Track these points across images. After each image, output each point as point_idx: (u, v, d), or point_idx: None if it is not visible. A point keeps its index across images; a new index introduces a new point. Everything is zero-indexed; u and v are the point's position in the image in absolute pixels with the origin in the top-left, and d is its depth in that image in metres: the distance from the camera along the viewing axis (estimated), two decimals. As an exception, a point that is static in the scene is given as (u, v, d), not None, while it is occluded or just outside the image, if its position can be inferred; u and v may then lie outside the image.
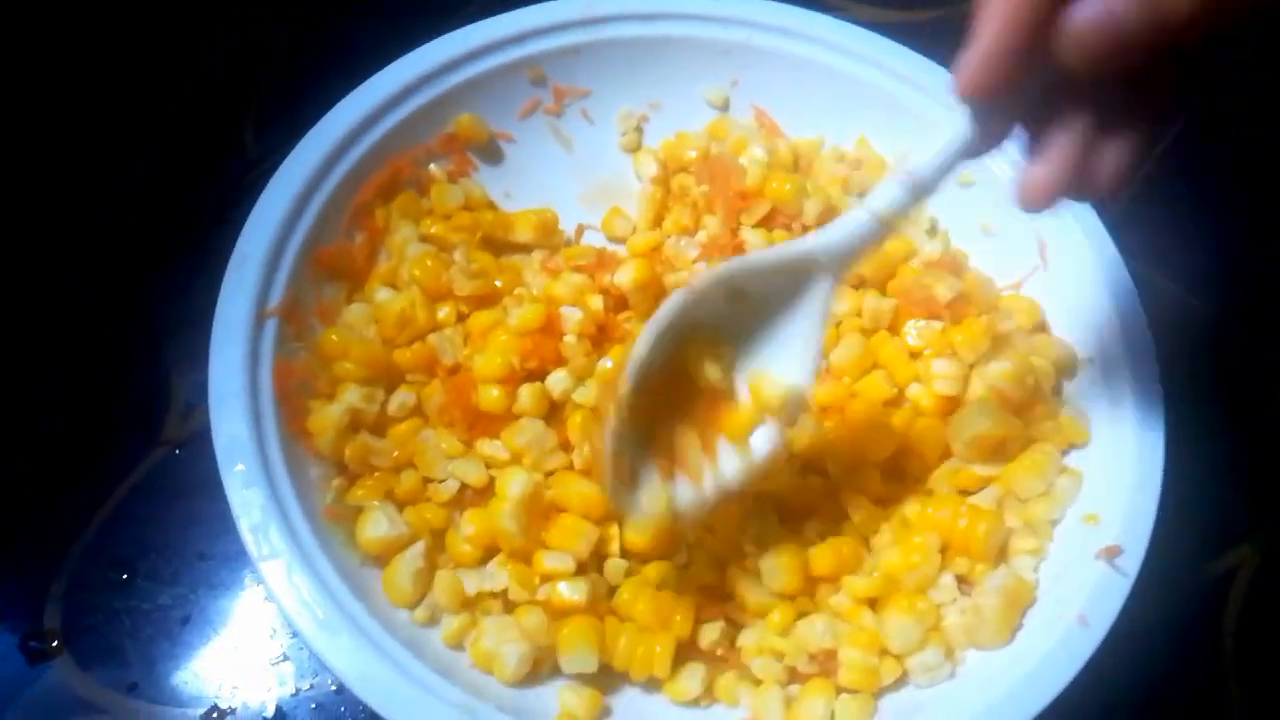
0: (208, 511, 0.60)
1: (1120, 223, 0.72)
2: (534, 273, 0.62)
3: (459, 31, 0.64)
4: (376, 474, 0.55)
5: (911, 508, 0.57)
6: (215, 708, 0.56)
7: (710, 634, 0.53)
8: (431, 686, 0.48)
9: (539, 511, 0.54)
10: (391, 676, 0.47)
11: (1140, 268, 0.66)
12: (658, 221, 0.67)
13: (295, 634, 0.51)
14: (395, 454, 0.56)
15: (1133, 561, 0.51)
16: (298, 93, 0.74)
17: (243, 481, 0.50)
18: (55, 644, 0.57)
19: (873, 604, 0.54)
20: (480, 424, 0.57)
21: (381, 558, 0.53)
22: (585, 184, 0.68)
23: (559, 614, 0.52)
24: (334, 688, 0.56)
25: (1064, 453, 0.57)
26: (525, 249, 0.64)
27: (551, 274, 0.61)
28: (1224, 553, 0.64)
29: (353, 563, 0.53)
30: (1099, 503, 0.54)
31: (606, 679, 0.53)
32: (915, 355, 0.60)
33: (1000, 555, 0.55)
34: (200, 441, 0.62)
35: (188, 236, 0.69)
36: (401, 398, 0.57)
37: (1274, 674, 0.61)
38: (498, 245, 0.64)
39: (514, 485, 0.53)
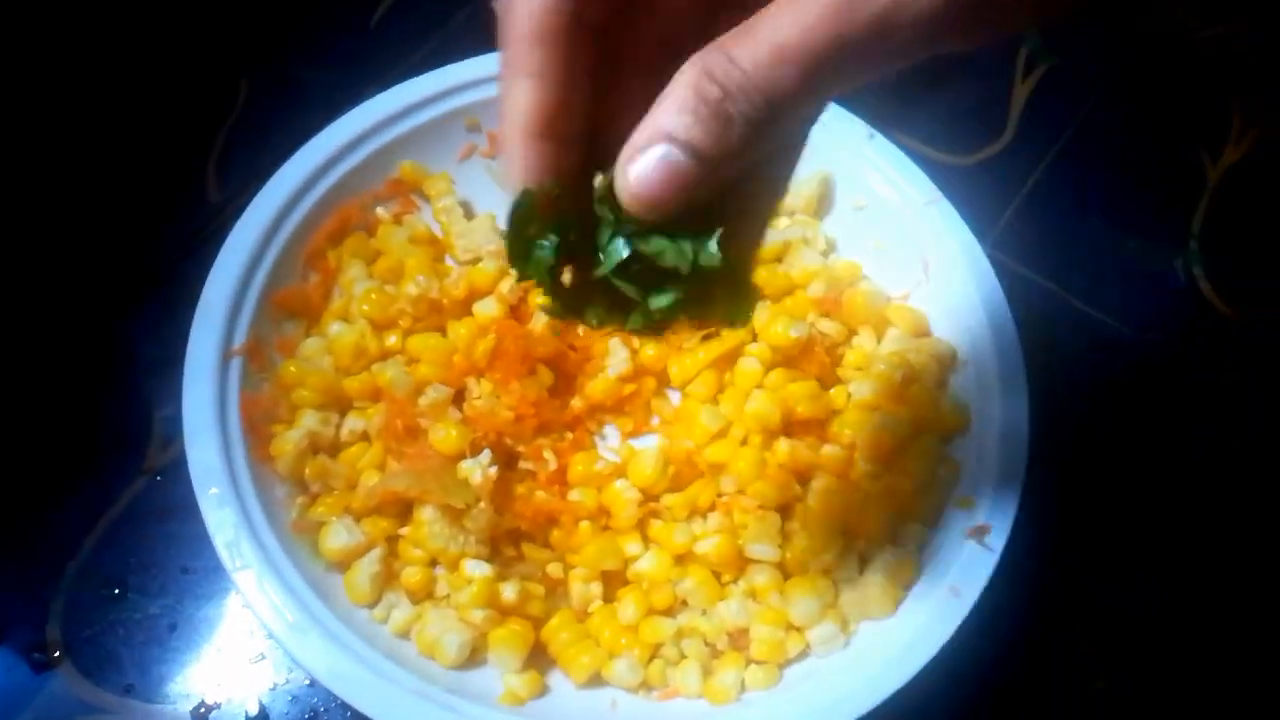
0: (188, 531, 0.66)
1: (1004, 229, 0.80)
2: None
3: (398, 87, 0.71)
4: (335, 491, 0.62)
5: (814, 496, 0.64)
6: (203, 704, 0.62)
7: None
8: (390, 675, 0.55)
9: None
10: (355, 669, 0.54)
11: (1021, 269, 0.74)
12: None
13: (270, 635, 0.58)
14: (348, 474, 0.62)
15: (999, 538, 0.59)
16: (256, 140, 0.81)
17: (216, 503, 0.57)
18: (57, 654, 0.63)
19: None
20: (410, 441, 0.62)
21: (343, 564, 0.60)
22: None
23: (502, 610, 0.60)
24: (308, 682, 0.63)
25: (947, 440, 0.65)
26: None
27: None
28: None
29: (318, 570, 0.60)
30: (972, 488, 0.61)
31: (544, 660, 0.60)
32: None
33: (892, 537, 0.63)
34: (178, 469, 0.67)
35: (157, 279, 0.75)
36: (351, 423, 0.64)
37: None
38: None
39: (426, 510, 0.60)
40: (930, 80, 0.88)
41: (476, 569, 0.59)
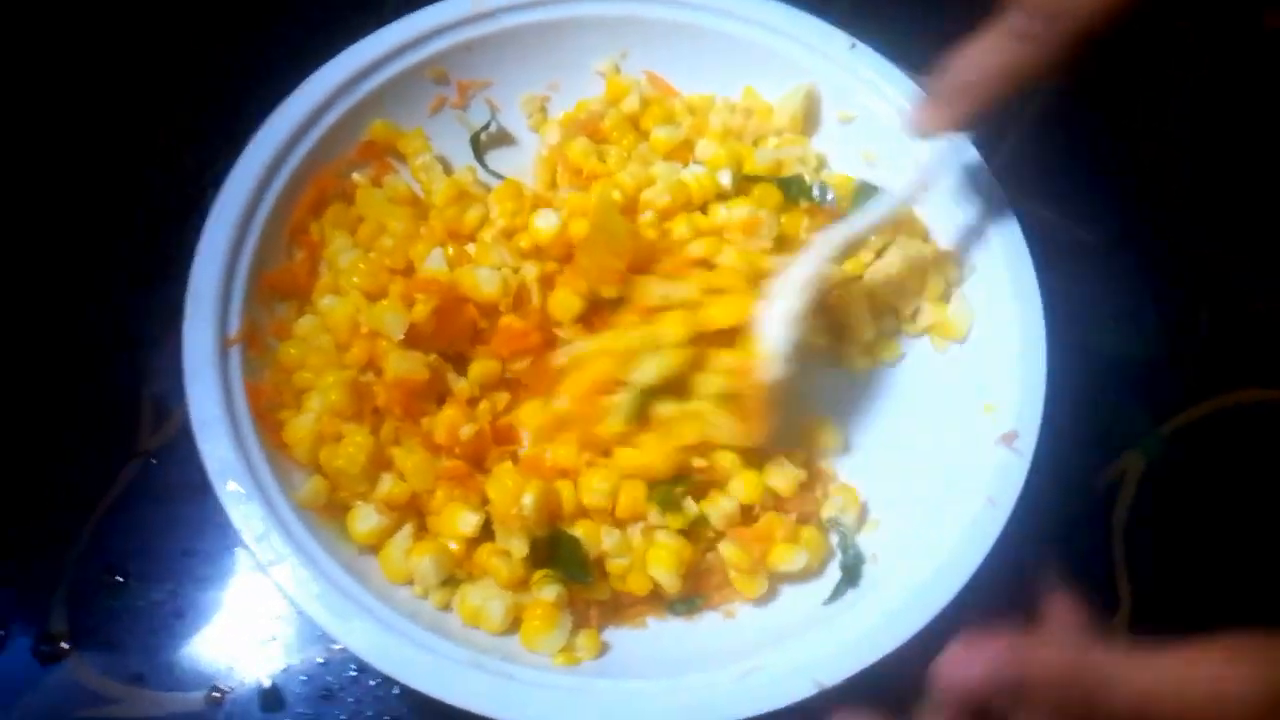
0: (186, 513, 0.65)
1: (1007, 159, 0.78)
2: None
3: (357, 46, 0.67)
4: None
5: None
6: (215, 688, 0.61)
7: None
8: (440, 650, 0.54)
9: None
10: (404, 647, 0.53)
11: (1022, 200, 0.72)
12: (551, 181, 0.71)
13: (318, 626, 0.56)
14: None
15: (1028, 443, 0.59)
16: (228, 104, 0.75)
17: (238, 499, 0.55)
18: (64, 646, 0.62)
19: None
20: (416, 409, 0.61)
21: (375, 546, 0.59)
22: (499, 168, 0.72)
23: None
24: (320, 660, 0.62)
25: (945, 350, 0.66)
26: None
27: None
28: (1113, 460, 0.71)
29: (350, 553, 0.58)
30: (994, 395, 0.61)
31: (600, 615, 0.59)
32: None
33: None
34: (172, 450, 0.67)
35: (129, 255, 0.72)
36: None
37: (1158, 571, 0.68)
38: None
39: None
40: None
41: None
